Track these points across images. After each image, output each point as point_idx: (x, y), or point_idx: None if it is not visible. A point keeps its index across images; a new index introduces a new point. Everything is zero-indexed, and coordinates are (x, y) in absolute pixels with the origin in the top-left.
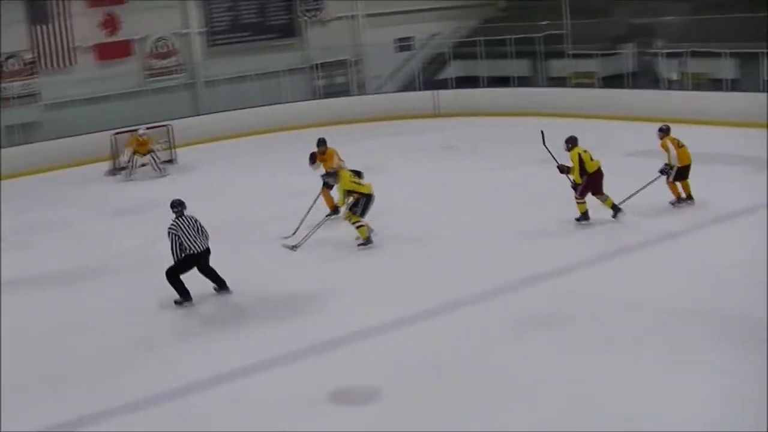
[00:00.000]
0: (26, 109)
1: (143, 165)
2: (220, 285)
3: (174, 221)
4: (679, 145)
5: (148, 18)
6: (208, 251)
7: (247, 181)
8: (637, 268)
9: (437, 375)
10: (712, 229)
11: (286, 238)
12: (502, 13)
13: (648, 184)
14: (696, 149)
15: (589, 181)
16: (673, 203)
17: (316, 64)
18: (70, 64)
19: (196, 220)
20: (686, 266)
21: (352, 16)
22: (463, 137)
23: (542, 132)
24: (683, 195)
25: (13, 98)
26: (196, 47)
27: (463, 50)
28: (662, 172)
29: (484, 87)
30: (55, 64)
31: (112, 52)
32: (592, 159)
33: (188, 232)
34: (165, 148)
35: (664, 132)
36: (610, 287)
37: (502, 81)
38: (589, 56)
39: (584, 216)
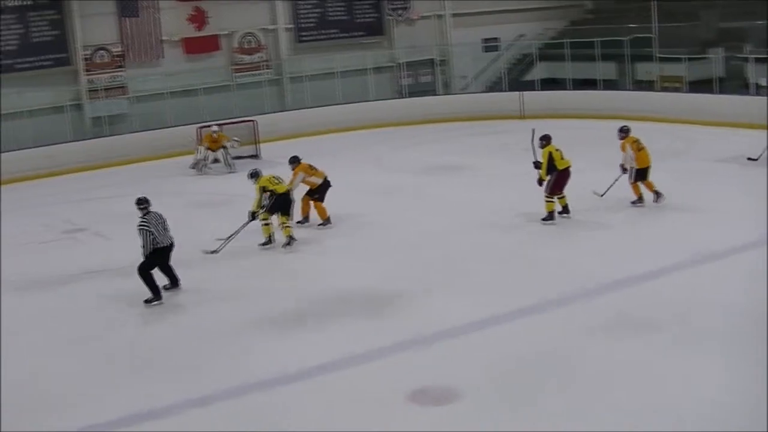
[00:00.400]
0: (113, 101)
1: (215, 161)
2: (173, 282)
3: (142, 218)
4: (638, 148)
5: (235, 13)
6: (172, 245)
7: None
8: (729, 272)
9: (521, 375)
10: None
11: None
12: (590, 15)
13: (614, 182)
14: None
15: (557, 179)
16: (633, 203)
17: (402, 63)
18: (158, 57)
19: (161, 216)
20: None
21: (439, 16)
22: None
23: (533, 130)
24: (653, 192)
25: (101, 90)
26: (283, 43)
27: (549, 52)
28: (624, 170)
29: (570, 89)
30: (143, 57)
31: (199, 46)
32: (562, 158)
33: (157, 227)
34: (242, 144)
35: (624, 133)
36: (702, 291)
37: (588, 83)
38: (677, 60)
39: (551, 216)
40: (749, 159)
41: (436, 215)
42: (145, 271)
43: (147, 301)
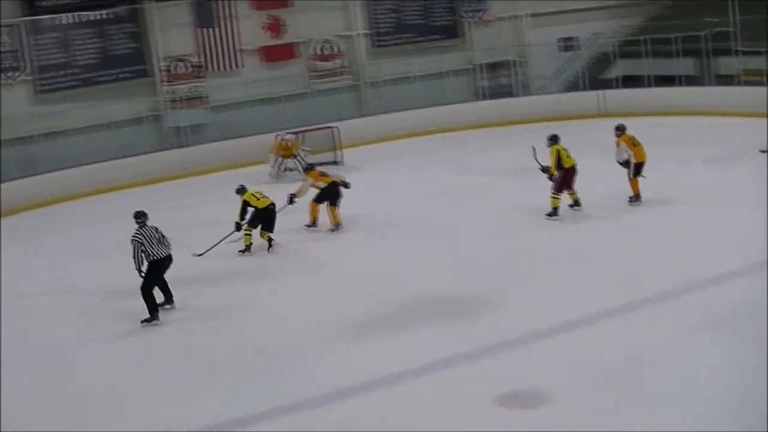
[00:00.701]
0: (193, 111)
1: (288, 169)
2: (168, 298)
3: (137, 230)
4: (634, 144)
5: (312, 20)
6: (170, 258)
7: (409, 181)
8: None
9: (611, 378)
10: None
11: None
12: (667, 11)
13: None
14: None
15: (563, 177)
16: (631, 199)
17: (480, 65)
18: (236, 67)
19: (157, 230)
20: None
21: (516, 16)
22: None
23: (534, 148)
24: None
25: (180, 100)
26: (360, 49)
27: (627, 49)
28: (622, 164)
29: (649, 86)
30: (221, 68)
31: (277, 54)
32: (568, 156)
33: (151, 241)
34: (322, 151)
35: (620, 131)
36: None
37: (668, 80)
38: (758, 53)
39: (555, 211)
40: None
41: (512, 217)
42: (145, 290)
43: (144, 322)
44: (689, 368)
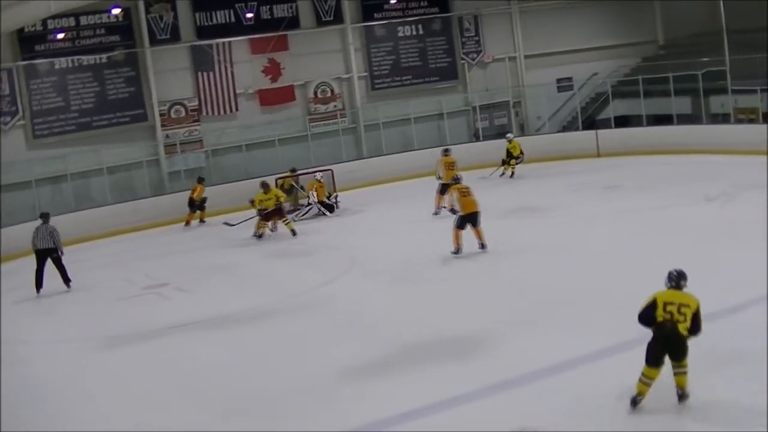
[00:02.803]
0: (190, 155)
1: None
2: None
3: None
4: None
5: (310, 63)
6: (47, 251)
7: (408, 222)
8: None
9: (614, 413)
10: None
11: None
12: (662, 51)
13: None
14: None
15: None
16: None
17: (477, 106)
18: (232, 111)
19: (46, 228)
20: None
21: (512, 58)
22: (627, 176)
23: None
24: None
25: (178, 144)
26: (357, 91)
27: (623, 89)
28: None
29: (645, 125)
30: (218, 111)
31: (274, 97)
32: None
33: (38, 235)
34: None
35: (455, 181)
36: None
37: (664, 119)
38: (752, 92)
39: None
40: None
41: (514, 257)
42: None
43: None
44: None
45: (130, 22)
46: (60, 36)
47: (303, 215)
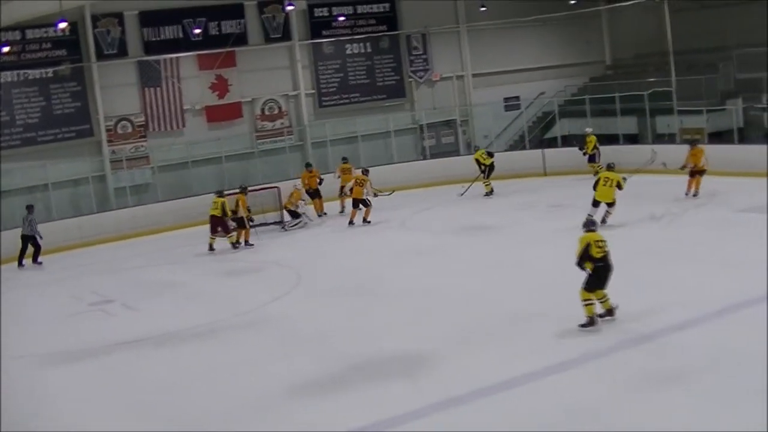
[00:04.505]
0: (137, 171)
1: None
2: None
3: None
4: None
5: (257, 80)
6: (27, 237)
7: (357, 240)
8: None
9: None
10: None
11: None
12: (609, 71)
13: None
14: None
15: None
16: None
17: (424, 125)
18: (179, 127)
19: (28, 218)
20: None
21: (460, 76)
22: (574, 196)
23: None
24: None
25: (124, 160)
26: (304, 109)
27: (570, 108)
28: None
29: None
30: (165, 128)
31: (222, 114)
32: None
33: (23, 224)
34: (265, 211)
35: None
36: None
37: (610, 138)
38: (697, 112)
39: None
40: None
41: (462, 275)
42: None
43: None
44: (637, 421)
45: (77, 36)
46: (5, 49)
47: (293, 225)
